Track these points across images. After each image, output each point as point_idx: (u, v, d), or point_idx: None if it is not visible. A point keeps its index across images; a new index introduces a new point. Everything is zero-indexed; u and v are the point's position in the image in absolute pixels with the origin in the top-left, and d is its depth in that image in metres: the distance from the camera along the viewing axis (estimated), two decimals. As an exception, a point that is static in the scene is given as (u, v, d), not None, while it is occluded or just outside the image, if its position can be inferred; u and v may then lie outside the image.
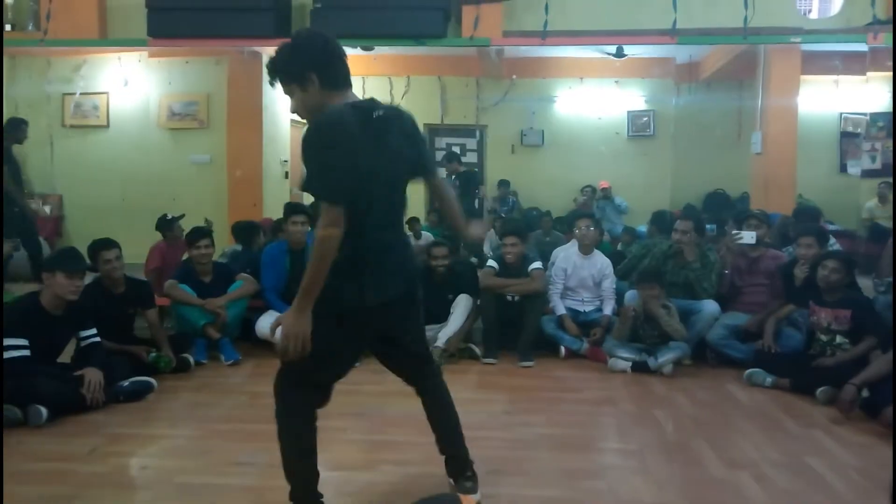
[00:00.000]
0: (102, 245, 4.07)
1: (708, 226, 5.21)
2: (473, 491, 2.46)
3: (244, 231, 5.70)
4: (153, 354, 4.11)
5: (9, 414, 3.21)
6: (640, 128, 9.24)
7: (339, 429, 3.27)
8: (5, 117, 7.49)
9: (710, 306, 4.50)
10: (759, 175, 6.80)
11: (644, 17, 5.69)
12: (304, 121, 2.18)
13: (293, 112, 2.18)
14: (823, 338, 3.99)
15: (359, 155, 2.02)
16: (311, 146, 2.01)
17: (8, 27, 6.16)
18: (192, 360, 4.32)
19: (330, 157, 1.99)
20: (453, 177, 8.09)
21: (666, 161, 9.08)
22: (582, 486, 2.70)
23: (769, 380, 4.02)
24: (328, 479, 2.61)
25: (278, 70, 2.14)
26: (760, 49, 6.57)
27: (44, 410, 3.26)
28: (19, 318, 3.45)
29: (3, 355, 3.26)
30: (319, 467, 2.25)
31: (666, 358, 4.23)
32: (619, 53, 6.80)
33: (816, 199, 7.38)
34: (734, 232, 4.69)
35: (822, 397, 3.69)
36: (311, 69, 2.08)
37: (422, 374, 2.49)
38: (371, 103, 2.14)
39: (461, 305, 4.60)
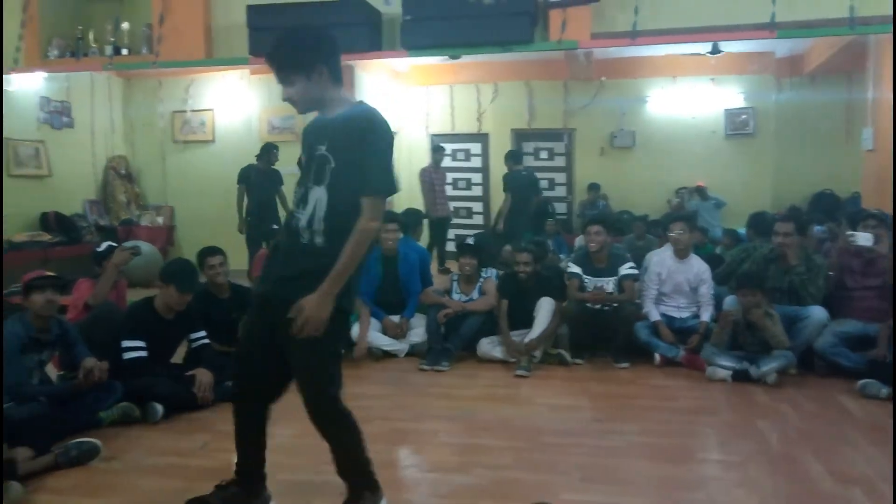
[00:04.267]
0: (209, 252, 4.33)
1: (818, 227, 4.92)
2: None
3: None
4: None
5: (127, 411, 3.46)
6: (738, 126, 8.88)
7: (432, 431, 3.34)
8: (125, 135, 8.14)
9: (817, 312, 4.26)
10: (872, 173, 6.36)
11: (740, 11, 5.48)
12: (297, 110, 2.25)
13: (286, 100, 2.23)
14: (947, 346, 3.70)
15: None
16: (375, 142, 2.13)
17: (124, 51, 6.67)
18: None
19: (389, 154, 2.16)
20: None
21: (767, 161, 8.68)
22: (679, 497, 2.63)
23: (885, 391, 3.76)
24: (423, 480, 2.67)
25: (286, 60, 2.19)
26: (869, 39, 6.17)
27: (160, 408, 3.50)
28: (137, 321, 3.74)
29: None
30: (414, 468, 2.28)
31: (769, 367, 4.04)
32: (715, 50, 6.55)
33: (938, 196, 6.86)
34: (848, 233, 4.43)
35: (946, 411, 3.43)
36: (322, 62, 2.20)
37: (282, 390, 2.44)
38: None
39: (544, 309, 4.57)
